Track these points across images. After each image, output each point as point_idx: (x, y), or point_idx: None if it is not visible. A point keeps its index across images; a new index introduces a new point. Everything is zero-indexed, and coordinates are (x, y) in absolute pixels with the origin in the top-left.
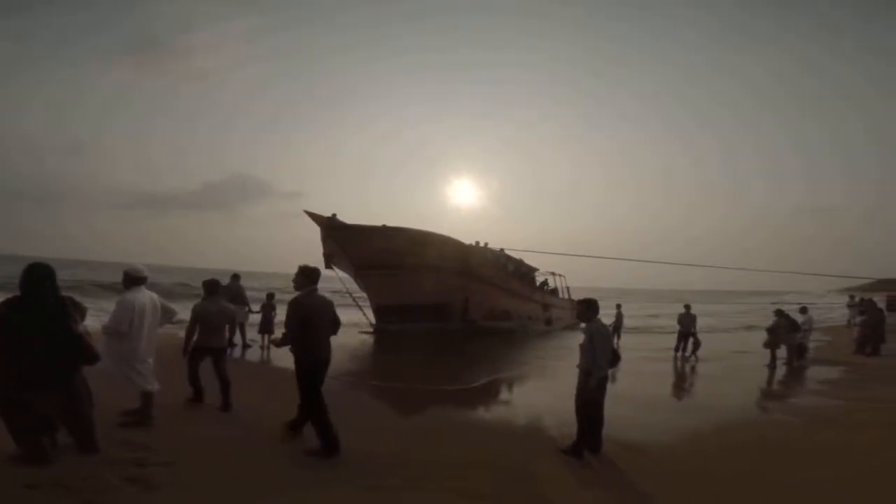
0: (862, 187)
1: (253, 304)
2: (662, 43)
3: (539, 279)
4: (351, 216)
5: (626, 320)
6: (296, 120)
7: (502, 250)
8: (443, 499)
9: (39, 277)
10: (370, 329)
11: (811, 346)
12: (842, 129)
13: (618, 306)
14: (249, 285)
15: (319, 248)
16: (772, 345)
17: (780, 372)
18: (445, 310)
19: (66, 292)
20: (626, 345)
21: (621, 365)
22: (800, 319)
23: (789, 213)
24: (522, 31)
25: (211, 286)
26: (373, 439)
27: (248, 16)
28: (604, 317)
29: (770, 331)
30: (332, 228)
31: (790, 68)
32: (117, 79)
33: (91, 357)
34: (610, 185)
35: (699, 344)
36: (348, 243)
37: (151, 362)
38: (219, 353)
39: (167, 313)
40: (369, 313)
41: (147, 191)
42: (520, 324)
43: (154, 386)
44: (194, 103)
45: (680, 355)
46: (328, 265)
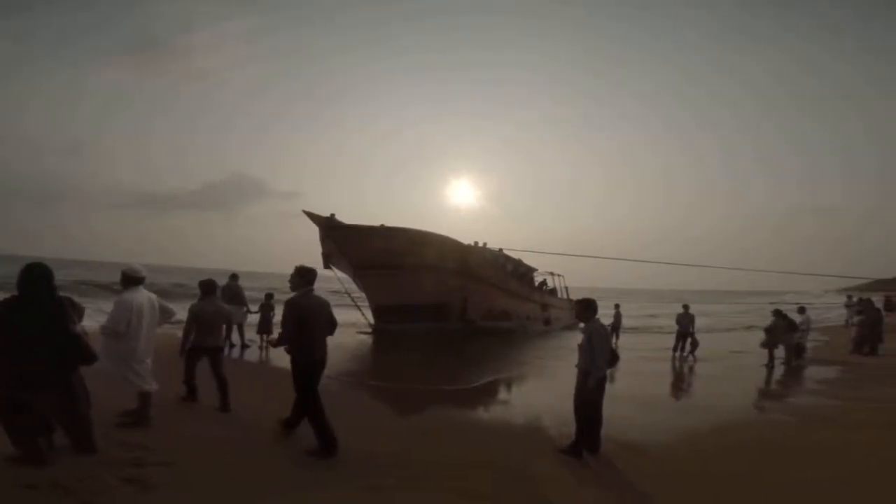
0: (861, 188)
1: (251, 304)
2: (662, 43)
3: (538, 279)
4: (349, 216)
5: (625, 320)
6: (295, 120)
7: (501, 250)
8: (442, 499)
9: (37, 277)
10: (368, 329)
11: (809, 345)
12: (841, 129)
13: (616, 306)
14: (248, 285)
15: (318, 248)
16: (770, 345)
17: (778, 372)
18: (444, 310)
19: (63, 292)
20: (625, 345)
21: (620, 365)
22: (798, 319)
23: (788, 213)
24: (522, 31)
25: (207, 286)
26: (372, 439)
27: (248, 16)
28: (602, 317)
29: (768, 331)
30: (330, 228)
31: (789, 68)
32: (117, 79)
33: (88, 357)
34: (609, 185)
35: (697, 344)
36: (347, 243)
37: (150, 362)
38: (215, 352)
39: (165, 313)
40: (368, 313)
41: (146, 191)
42: (518, 324)
43: (152, 386)
44: (194, 103)
45: (678, 355)
46: (327, 265)
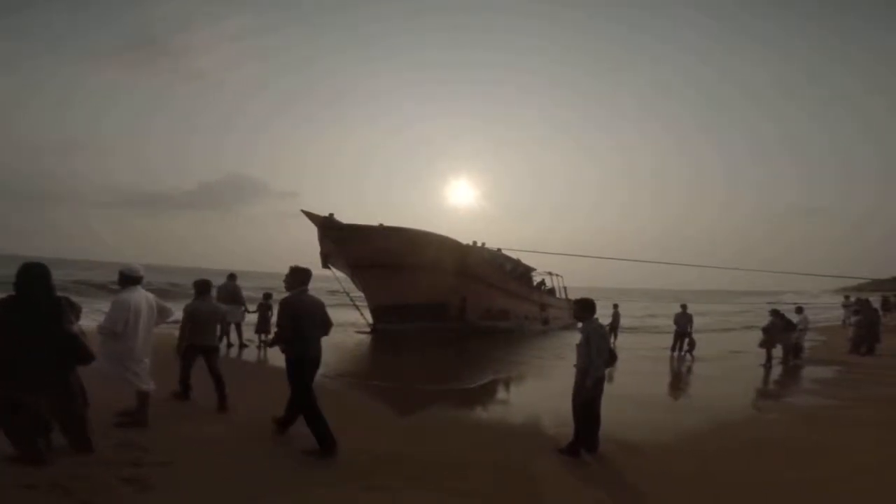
0: (858, 189)
1: (249, 303)
2: (662, 44)
3: (536, 279)
4: (348, 216)
5: (623, 320)
6: (293, 119)
7: (499, 250)
8: (442, 499)
9: (35, 277)
10: (367, 329)
11: (806, 345)
12: (838, 130)
13: (615, 306)
14: (246, 285)
15: (316, 248)
16: (767, 344)
17: (776, 371)
18: (443, 309)
19: (61, 292)
20: (623, 344)
21: (618, 365)
22: (795, 319)
23: (785, 213)
24: (523, 32)
25: (202, 286)
26: (371, 439)
27: (246, 15)
28: (601, 316)
29: (766, 330)
30: (329, 228)
31: (787, 69)
32: (114, 77)
33: (86, 357)
34: (608, 185)
35: (694, 344)
36: (345, 243)
37: (148, 362)
38: (211, 351)
39: (163, 313)
40: (366, 313)
41: (143, 190)
42: (517, 323)
43: (150, 386)
44: (191, 103)
45: (676, 355)
46: (325, 265)
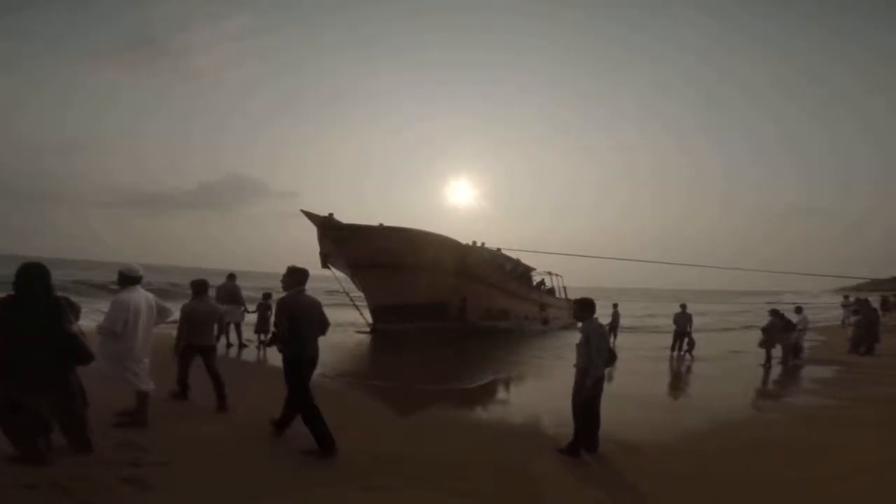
0: (857, 189)
1: (249, 303)
2: (662, 45)
3: (536, 279)
4: (348, 216)
5: (623, 320)
6: (293, 119)
7: (499, 250)
8: (441, 499)
9: (34, 277)
10: (367, 329)
11: (806, 345)
12: (838, 130)
13: (614, 306)
14: (245, 285)
15: (316, 248)
16: (767, 344)
17: (776, 371)
18: (443, 309)
19: (60, 292)
20: (623, 344)
21: (618, 364)
22: (795, 319)
23: (785, 213)
24: (523, 32)
25: (199, 286)
26: (370, 439)
27: (246, 14)
28: (601, 316)
29: (765, 330)
30: (328, 228)
31: (787, 69)
32: (114, 77)
33: (85, 357)
34: (607, 184)
35: (694, 343)
36: (345, 243)
37: (147, 362)
38: (208, 351)
39: (162, 313)
40: (366, 313)
41: (143, 190)
42: (517, 323)
43: (149, 386)
44: (191, 103)
45: (676, 354)
46: (325, 265)
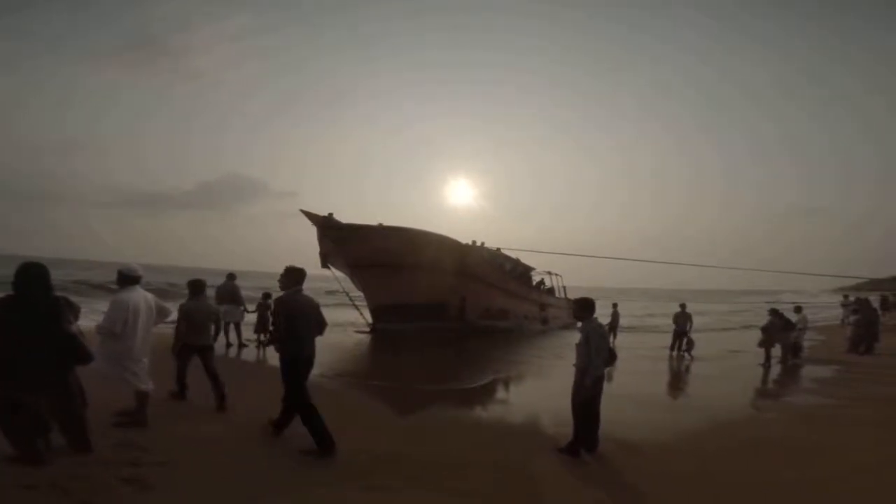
0: (857, 189)
1: (248, 303)
2: (662, 45)
3: (535, 279)
4: (348, 216)
5: (623, 319)
6: (293, 119)
7: (499, 249)
8: (441, 498)
9: (33, 277)
10: (366, 329)
11: (805, 345)
12: (838, 130)
13: (614, 305)
14: (245, 285)
15: (316, 248)
16: (766, 344)
17: (775, 371)
18: (442, 309)
19: (59, 292)
20: (623, 344)
21: (617, 364)
22: (794, 318)
23: (785, 213)
24: (523, 32)
25: (196, 286)
26: (370, 439)
27: (246, 15)
28: (600, 316)
29: (765, 330)
30: (328, 228)
31: (787, 69)
32: (114, 77)
33: (84, 357)
34: (607, 184)
35: (693, 343)
36: (344, 243)
37: (146, 362)
38: (206, 350)
39: (162, 313)
40: (366, 312)
41: (143, 190)
42: (516, 323)
43: (149, 386)
44: (190, 103)
45: (675, 354)
46: (324, 264)
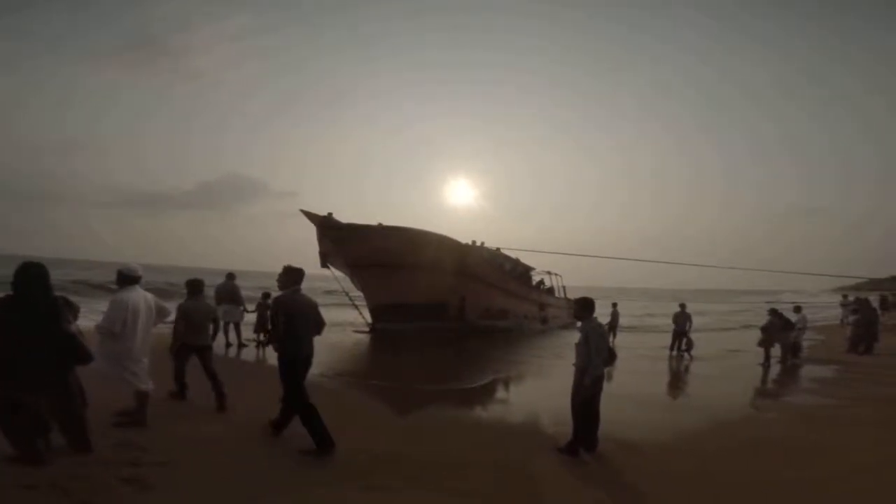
0: (857, 189)
1: (248, 303)
2: (662, 45)
3: (535, 278)
4: (348, 215)
5: (623, 319)
6: (292, 119)
7: (498, 249)
8: (441, 498)
9: (32, 277)
10: (366, 328)
11: (805, 344)
12: (838, 130)
13: (614, 305)
14: (244, 285)
15: (315, 248)
16: (766, 343)
17: (775, 370)
18: (442, 309)
19: (59, 292)
20: (622, 343)
21: (617, 363)
22: (794, 318)
23: (785, 213)
24: (523, 32)
25: (194, 286)
26: (370, 439)
27: (246, 15)
28: (600, 316)
29: (764, 329)
30: (327, 227)
31: (787, 69)
32: (114, 77)
33: (84, 357)
34: (607, 184)
35: (692, 343)
36: (344, 242)
37: (146, 362)
38: (204, 350)
39: (161, 313)
40: (365, 312)
41: (143, 190)
42: (516, 323)
43: (148, 386)
44: (190, 103)
45: (675, 354)
46: (324, 264)
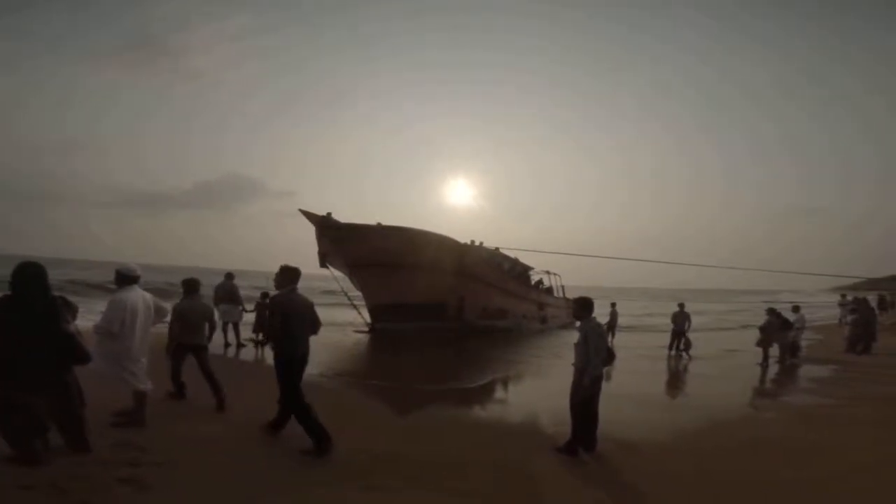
0: (856, 189)
1: (247, 303)
2: (662, 45)
3: (534, 278)
4: (347, 215)
5: (621, 319)
6: (292, 119)
7: (497, 249)
8: (440, 498)
9: (30, 277)
10: (365, 328)
11: (803, 344)
12: (837, 131)
13: (612, 305)
14: (243, 284)
15: (314, 248)
16: (764, 343)
17: (773, 370)
18: (441, 309)
19: (57, 291)
20: (621, 343)
21: (616, 363)
22: (792, 318)
23: (784, 213)
24: (523, 32)
25: (191, 285)
26: (369, 439)
27: (246, 15)
28: (599, 315)
29: (763, 329)
30: (326, 227)
31: (787, 70)
32: (113, 77)
33: (82, 357)
34: (606, 184)
35: (690, 343)
36: (343, 242)
37: (145, 362)
38: (200, 350)
39: (160, 312)
40: (364, 312)
41: (142, 190)
42: (515, 323)
43: (147, 386)
44: (190, 102)
45: (674, 353)
46: (323, 264)
